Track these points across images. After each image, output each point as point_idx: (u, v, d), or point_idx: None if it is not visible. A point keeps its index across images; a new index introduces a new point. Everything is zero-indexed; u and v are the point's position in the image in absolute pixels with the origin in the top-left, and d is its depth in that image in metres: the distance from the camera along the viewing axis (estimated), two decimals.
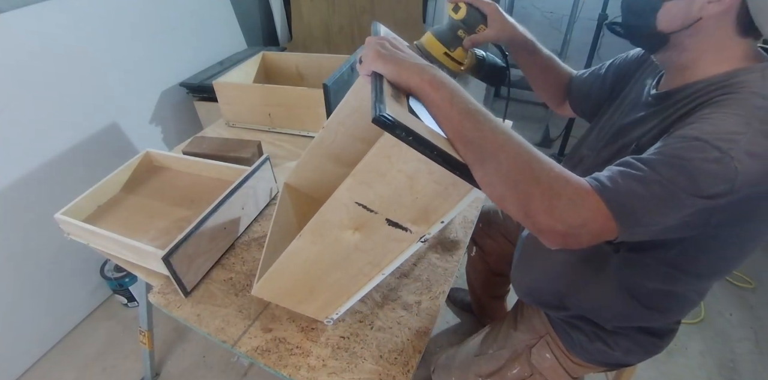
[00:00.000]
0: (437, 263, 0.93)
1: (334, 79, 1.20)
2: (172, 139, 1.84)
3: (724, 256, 0.64)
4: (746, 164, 0.47)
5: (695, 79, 0.61)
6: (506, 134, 0.50)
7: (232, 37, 2.08)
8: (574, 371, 0.84)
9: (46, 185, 1.38)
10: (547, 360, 0.84)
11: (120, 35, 1.54)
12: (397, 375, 0.72)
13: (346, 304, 0.76)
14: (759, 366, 1.47)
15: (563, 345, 0.83)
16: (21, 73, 1.27)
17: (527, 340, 0.87)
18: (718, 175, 0.47)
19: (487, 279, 1.34)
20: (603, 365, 0.83)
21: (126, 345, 1.55)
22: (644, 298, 0.71)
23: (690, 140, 0.49)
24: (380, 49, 0.55)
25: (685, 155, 0.48)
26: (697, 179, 0.47)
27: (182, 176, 1.15)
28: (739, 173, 0.47)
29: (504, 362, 0.87)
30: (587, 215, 0.48)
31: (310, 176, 0.96)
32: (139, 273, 0.92)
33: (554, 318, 0.84)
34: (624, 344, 0.78)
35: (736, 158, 0.47)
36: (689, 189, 0.47)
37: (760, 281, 1.76)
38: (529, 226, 0.51)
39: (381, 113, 0.47)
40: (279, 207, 0.91)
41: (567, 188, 0.48)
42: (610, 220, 0.49)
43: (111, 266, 1.59)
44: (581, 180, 0.50)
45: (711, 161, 0.47)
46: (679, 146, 0.50)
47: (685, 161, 0.48)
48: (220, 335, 0.79)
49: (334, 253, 0.68)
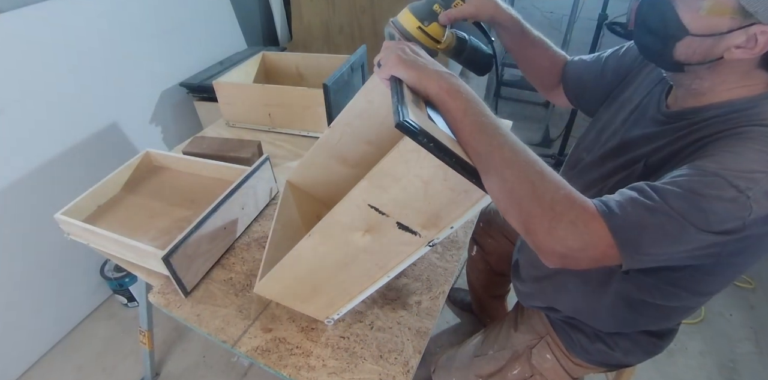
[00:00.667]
0: (437, 263, 0.93)
1: (334, 79, 1.20)
2: (172, 139, 1.84)
3: (732, 277, 0.65)
4: (763, 204, 0.46)
5: (712, 102, 0.58)
6: (515, 151, 0.49)
7: (232, 37, 2.08)
8: (574, 371, 0.84)
9: (46, 185, 1.38)
10: (548, 360, 0.84)
11: (120, 35, 1.54)
12: (397, 375, 0.72)
13: (348, 305, 0.76)
14: (759, 366, 1.47)
15: (564, 346, 0.83)
16: (21, 73, 1.27)
17: (528, 341, 0.87)
18: (731, 213, 0.46)
19: (488, 279, 1.34)
20: (603, 365, 0.83)
21: (126, 345, 1.55)
22: (642, 310, 0.71)
23: (709, 174, 0.48)
24: (402, 55, 0.55)
25: (702, 190, 0.47)
26: (708, 216, 0.46)
27: (182, 176, 1.15)
28: (753, 212, 0.46)
29: (504, 363, 0.87)
30: (589, 240, 0.47)
31: (312, 174, 0.96)
32: (139, 273, 0.92)
33: (554, 318, 0.84)
34: (624, 345, 0.78)
35: (752, 198, 0.45)
36: (700, 225, 0.46)
37: (760, 281, 1.76)
38: (530, 242, 0.50)
39: (405, 119, 0.47)
40: (281, 205, 0.91)
41: (571, 210, 0.47)
42: (613, 247, 0.47)
43: (111, 266, 1.59)
44: (588, 203, 0.48)
45: (727, 200, 0.46)
46: (696, 179, 0.48)
47: (700, 196, 0.46)
48: (220, 335, 0.79)
49: (342, 254, 0.68)
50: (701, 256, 0.50)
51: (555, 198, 0.48)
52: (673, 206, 0.47)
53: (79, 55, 1.41)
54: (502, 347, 0.89)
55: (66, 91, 1.39)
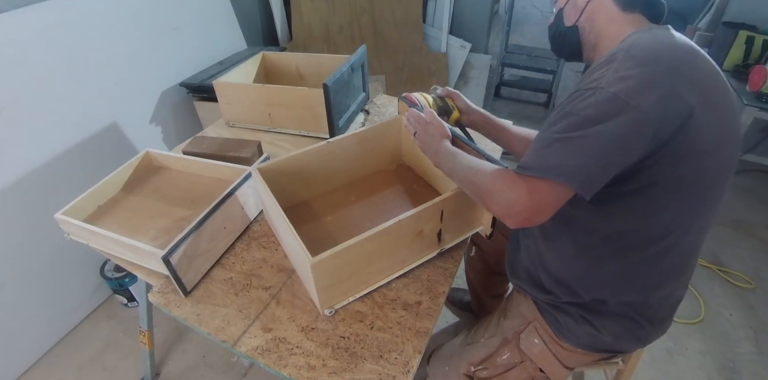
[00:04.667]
0: (437, 263, 0.93)
1: (334, 79, 1.20)
2: (172, 139, 1.84)
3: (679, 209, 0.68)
4: (619, 86, 0.58)
5: None
6: (462, 173, 0.75)
7: (232, 37, 2.08)
8: (564, 358, 0.83)
9: (46, 185, 1.38)
10: (536, 345, 0.84)
11: (120, 35, 1.54)
12: (397, 375, 0.72)
13: (355, 296, 0.83)
14: (759, 366, 1.47)
15: (551, 330, 0.83)
16: (21, 73, 1.27)
17: (516, 326, 0.88)
18: (599, 102, 0.59)
19: (487, 278, 1.35)
20: (593, 350, 0.83)
21: (126, 345, 1.55)
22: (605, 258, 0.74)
23: (571, 94, 0.64)
24: (420, 134, 0.90)
25: (569, 108, 0.62)
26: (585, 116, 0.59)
27: (182, 176, 1.15)
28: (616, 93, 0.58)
29: (494, 349, 0.88)
30: (519, 191, 0.62)
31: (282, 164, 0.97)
32: (139, 273, 0.92)
33: (542, 303, 0.85)
34: (612, 327, 0.78)
35: (606, 87, 0.59)
36: (583, 126, 0.59)
37: (760, 281, 1.76)
38: (496, 216, 0.71)
39: None
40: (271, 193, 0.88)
41: (495, 183, 0.66)
42: (541, 189, 0.61)
43: (111, 266, 1.59)
44: (501, 171, 0.68)
45: (588, 98, 0.60)
46: (566, 101, 0.64)
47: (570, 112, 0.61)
48: (220, 335, 0.79)
49: (394, 245, 0.81)
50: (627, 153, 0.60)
51: (485, 182, 0.68)
52: (558, 129, 0.62)
53: (79, 55, 1.41)
54: (492, 334, 0.90)
55: (66, 91, 1.39)
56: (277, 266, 0.93)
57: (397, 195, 1.07)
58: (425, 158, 1.06)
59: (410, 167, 1.16)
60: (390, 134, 1.10)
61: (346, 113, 1.37)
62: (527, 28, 3.12)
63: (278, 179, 0.93)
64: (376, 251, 0.79)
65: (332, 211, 1.03)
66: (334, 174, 1.06)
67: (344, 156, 1.04)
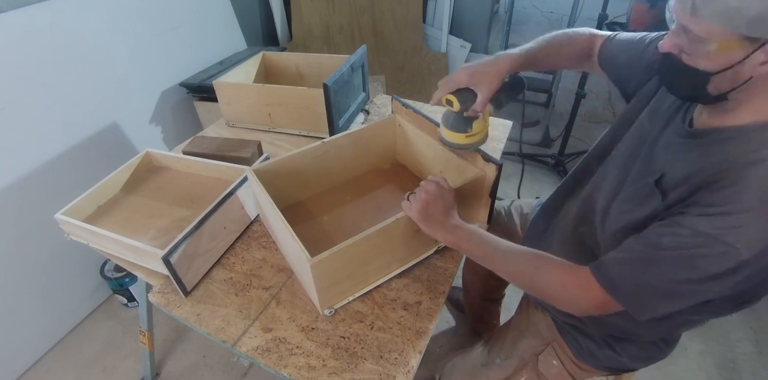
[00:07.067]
0: (437, 264, 0.93)
1: (334, 79, 1.20)
2: (172, 139, 1.84)
3: None
4: (752, 247, 0.50)
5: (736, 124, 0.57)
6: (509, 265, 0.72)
7: (232, 37, 2.08)
8: (579, 376, 0.84)
9: (46, 185, 1.38)
10: (554, 366, 0.83)
11: (120, 35, 1.54)
12: (397, 375, 0.72)
13: (355, 295, 0.83)
14: (759, 366, 1.47)
15: (571, 352, 0.82)
16: (21, 74, 1.27)
17: (534, 347, 0.86)
18: (722, 262, 0.51)
19: (486, 282, 1.33)
20: (608, 370, 0.83)
21: (126, 345, 1.55)
22: None
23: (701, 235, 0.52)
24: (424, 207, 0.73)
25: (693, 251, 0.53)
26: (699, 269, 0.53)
27: (182, 176, 1.15)
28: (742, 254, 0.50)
29: (511, 371, 0.86)
30: (594, 302, 0.60)
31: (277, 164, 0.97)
32: (139, 273, 0.92)
33: (562, 323, 0.84)
34: (631, 350, 0.78)
35: (741, 248, 0.50)
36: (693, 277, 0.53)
37: None
38: None
39: None
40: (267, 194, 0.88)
41: (566, 290, 0.63)
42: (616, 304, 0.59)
43: (111, 266, 1.59)
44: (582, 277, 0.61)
45: (716, 256, 0.51)
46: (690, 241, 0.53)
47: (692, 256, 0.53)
48: (220, 335, 0.79)
49: (395, 244, 0.81)
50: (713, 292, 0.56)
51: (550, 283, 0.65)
52: (665, 271, 0.55)
53: (79, 54, 1.41)
54: (509, 355, 0.88)
55: (66, 91, 1.39)
56: (277, 266, 0.93)
57: (392, 194, 1.08)
58: (420, 157, 1.06)
59: (405, 165, 1.16)
60: (384, 134, 1.10)
61: (346, 113, 1.37)
62: (527, 28, 3.12)
63: (274, 180, 0.93)
64: (375, 250, 0.79)
65: (328, 211, 1.03)
66: (330, 174, 1.06)
67: (339, 156, 1.04)
